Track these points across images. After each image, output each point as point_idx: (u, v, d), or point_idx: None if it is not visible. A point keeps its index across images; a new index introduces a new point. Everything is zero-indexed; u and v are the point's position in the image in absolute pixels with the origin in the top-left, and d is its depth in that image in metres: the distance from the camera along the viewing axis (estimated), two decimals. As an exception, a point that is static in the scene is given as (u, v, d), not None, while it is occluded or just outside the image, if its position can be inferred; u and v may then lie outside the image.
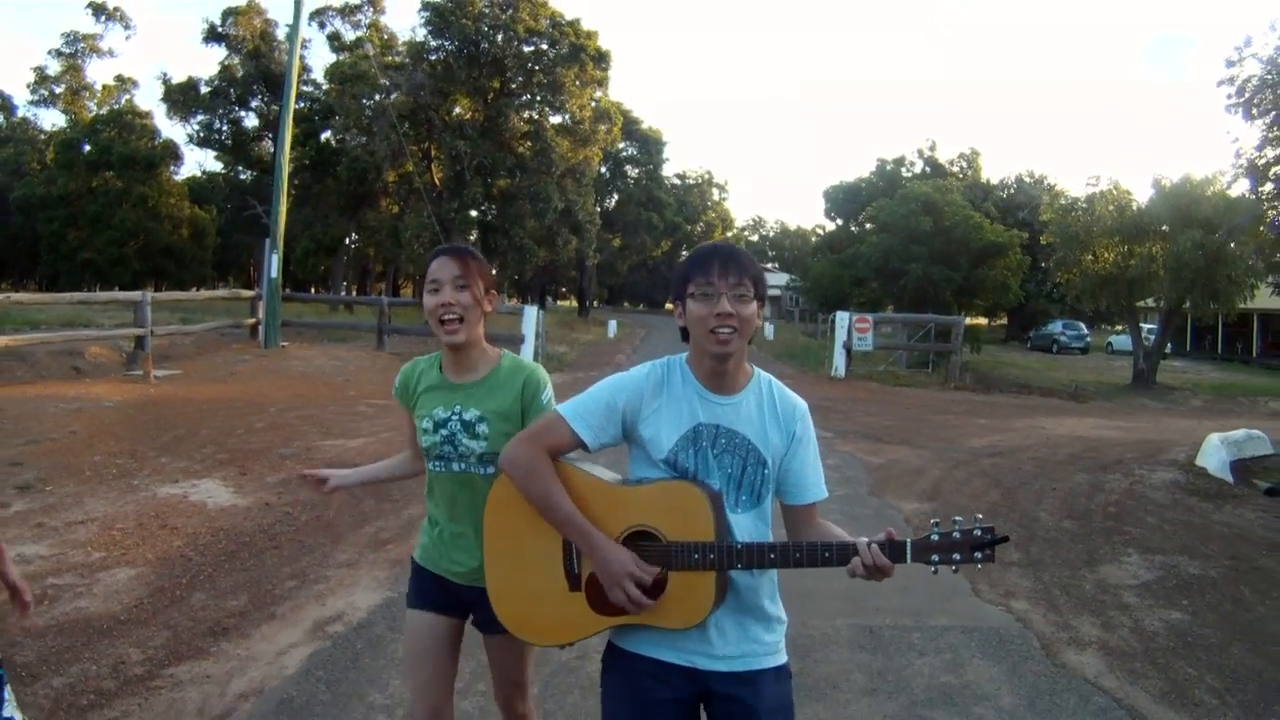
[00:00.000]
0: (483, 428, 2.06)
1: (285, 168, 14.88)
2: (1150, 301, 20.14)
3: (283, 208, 14.78)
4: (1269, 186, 8.30)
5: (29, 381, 10.49)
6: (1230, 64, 9.03)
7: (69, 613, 3.96)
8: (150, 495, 5.84)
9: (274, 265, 14.68)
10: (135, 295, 12.87)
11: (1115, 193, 18.90)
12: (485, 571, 1.86)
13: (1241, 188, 9.64)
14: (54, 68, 43.65)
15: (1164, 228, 17.70)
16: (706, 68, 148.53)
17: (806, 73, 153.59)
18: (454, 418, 2.09)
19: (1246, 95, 8.64)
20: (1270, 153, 8.32)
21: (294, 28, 14.77)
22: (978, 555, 1.61)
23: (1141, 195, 18.83)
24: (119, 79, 44.08)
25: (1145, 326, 22.34)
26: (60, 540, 4.84)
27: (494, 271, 1.84)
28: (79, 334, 12.20)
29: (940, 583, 3.73)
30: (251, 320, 15.45)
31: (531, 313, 15.39)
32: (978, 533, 1.62)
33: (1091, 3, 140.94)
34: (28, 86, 43.64)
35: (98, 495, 5.83)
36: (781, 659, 1.78)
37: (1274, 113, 8.45)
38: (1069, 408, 14.66)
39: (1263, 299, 21.97)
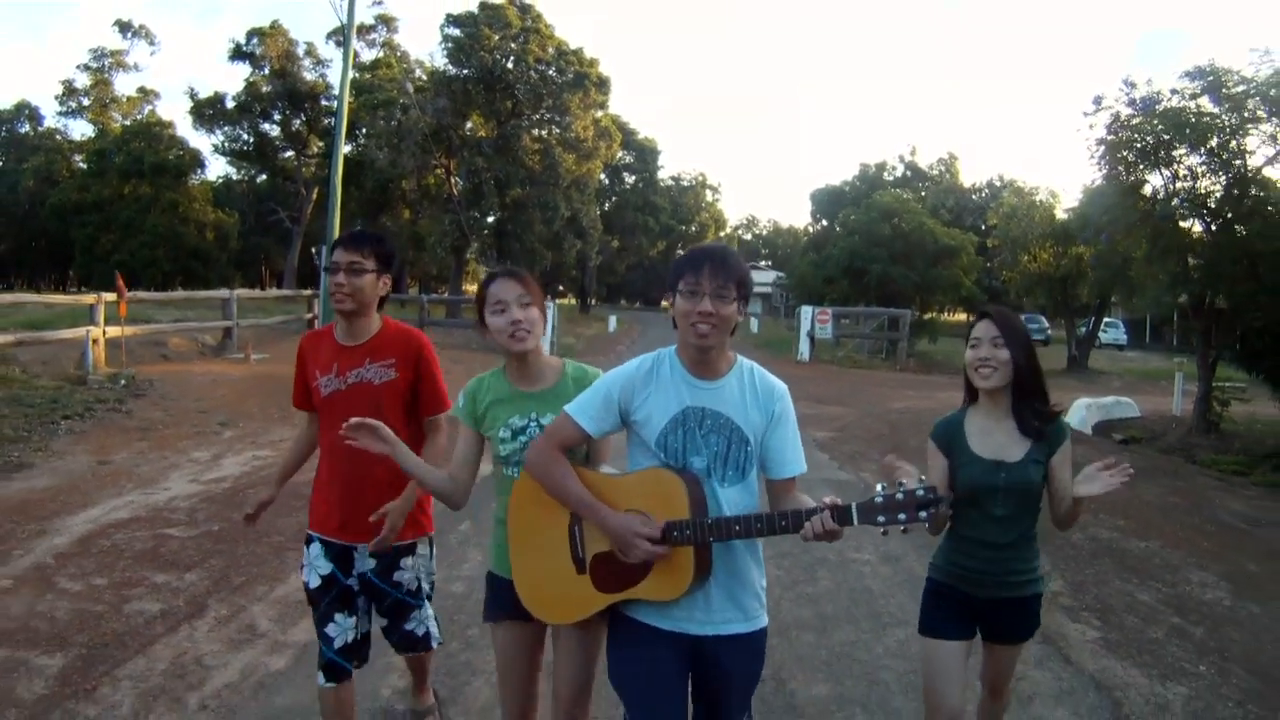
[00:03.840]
0: None
1: (338, 189, 17.61)
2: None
3: (336, 220, 17.54)
4: (1098, 209, 11.15)
5: (132, 365, 13.10)
6: (1086, 114, 11.83)
7: (305, 483, 6.74)
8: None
9: (330, 269, 17.46)
10: (223, 293, 15.62)
11: (1050, 200, 21.74)
12: (511, 563, 2.09)
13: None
14: (81, 81, 46.02)
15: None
16: (703, 69, 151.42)
17: (804, 74, 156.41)
18: (532, 424, 2.20)
19: (1102, 144, 11.42)
20: (1105, 185, 11.16)
21: (341, 87, 17.47)
22: (922, 515, 1.70)
23: None
24: (141, 90, 46.54)
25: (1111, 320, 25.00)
26: (274, 449, 7.62)
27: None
28: (185, 325, 14.87)
29: (820, 462, 6.52)
30: (309, 315, 18.21)
31: (549, 309, 18.30)
32: (920, 492, 1.71)
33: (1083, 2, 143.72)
34: (56, 98, 46.01)
35: (275, 427, 8.62)
36: (762, 623, 1.97)
37: (1114, 159, 11.26)
38: (996, 385, 17.45)
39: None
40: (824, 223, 45.99)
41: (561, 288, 59.15)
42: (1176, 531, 6.43)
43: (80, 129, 46.45)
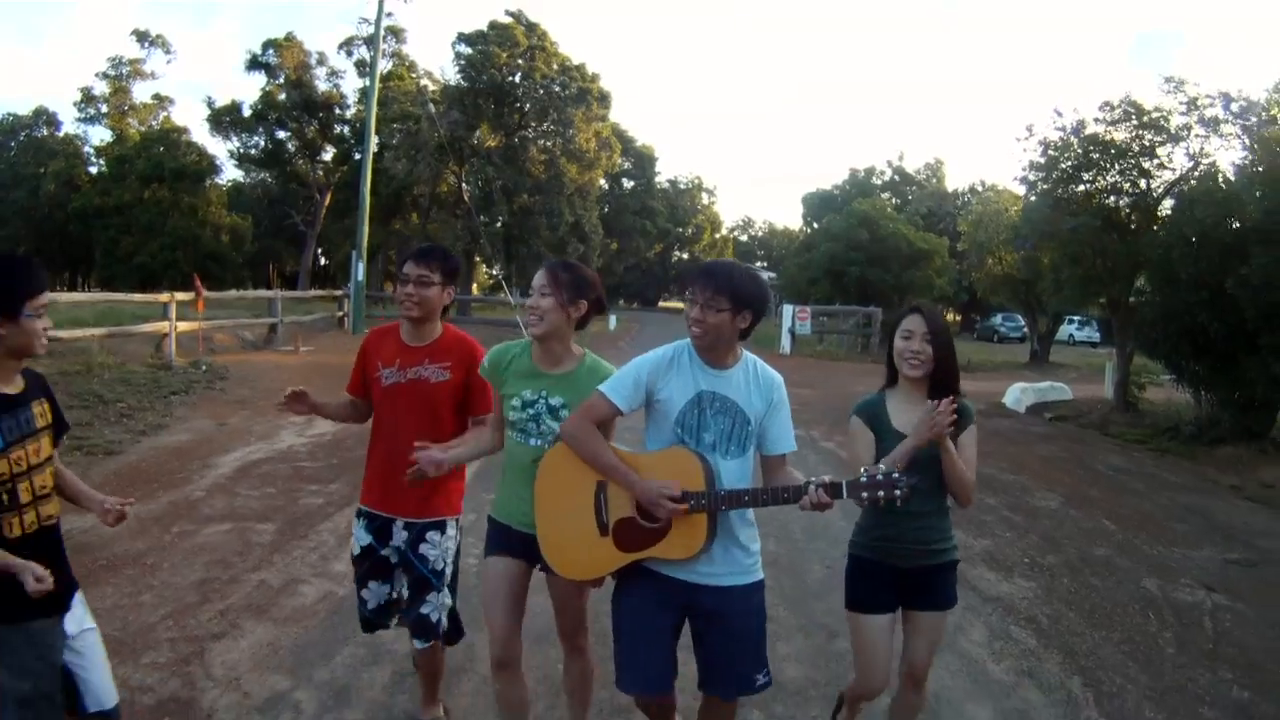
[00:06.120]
0: (565, 412, 2.50)
1: (366, 198, 19.63)
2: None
3: (365, 229, 19.53)
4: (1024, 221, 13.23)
5: (192, 356, 14.92)
6: (1019, 140, 13.86)
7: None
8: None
9: (360, 271, 19.45)
10: (269, 293, 17.59)
11: (1014, 209, 23.77)
12: (536, 525, 2.44)
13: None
14: (100, 88, 47.62)
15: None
16: (699, 71, 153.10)
17: (801, 76, 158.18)
18: (541, 400, 2.53)
19: (1033, 166, 13.41)
20: (1033, 201, 13.23)
21: (368, 111, 19.46)
22: (896, 493, 2.12)
23: None
24: (156, 97, 48.26)
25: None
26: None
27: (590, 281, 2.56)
28: (237, 322, 16.81)
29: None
30: (340, 313, 20.21)
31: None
32: (895, 475, 2.13)
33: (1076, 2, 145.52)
34: (75, 105, 47.61)
35: (345, 401, 10.62)
36: (757, 576, 2.36)
37: (1041, 183, 13.27)
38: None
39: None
40: (814, 225, 47.91)
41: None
42: (1048, 473, 8.44)
43: (99, 135, 48.00)
